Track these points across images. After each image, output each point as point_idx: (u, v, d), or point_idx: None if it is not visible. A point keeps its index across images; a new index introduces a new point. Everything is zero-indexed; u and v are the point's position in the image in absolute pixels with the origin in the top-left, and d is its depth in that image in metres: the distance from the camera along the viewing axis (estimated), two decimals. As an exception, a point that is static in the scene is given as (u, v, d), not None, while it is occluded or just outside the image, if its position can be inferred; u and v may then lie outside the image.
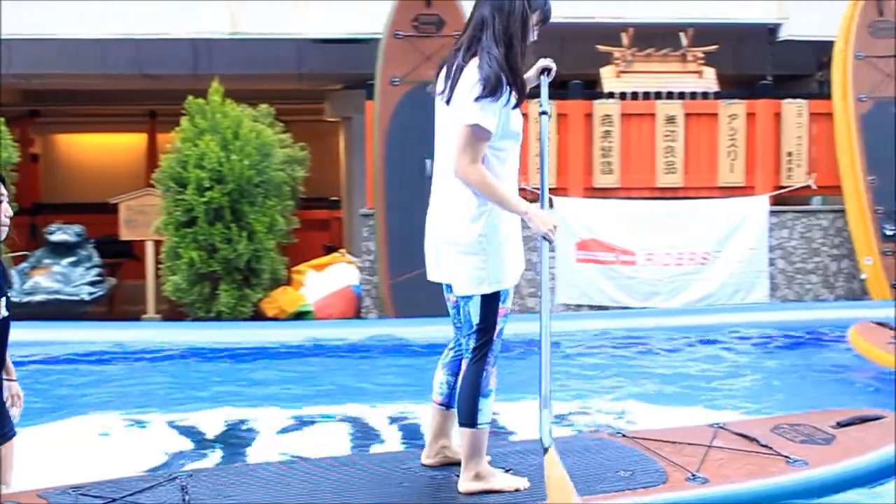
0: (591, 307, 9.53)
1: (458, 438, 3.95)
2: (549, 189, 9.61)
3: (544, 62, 4.21)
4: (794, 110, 10.08)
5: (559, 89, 10.33)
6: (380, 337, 8.32)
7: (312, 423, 5.74)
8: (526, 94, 3.88)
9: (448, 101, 3.79)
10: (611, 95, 9.84)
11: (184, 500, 3.79)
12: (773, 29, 11.02)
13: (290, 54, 11.60)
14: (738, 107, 10.02)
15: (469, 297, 3.82)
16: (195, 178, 8.75)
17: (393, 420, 5.79)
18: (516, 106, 3.83)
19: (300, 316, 9.24)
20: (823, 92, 10.84)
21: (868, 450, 4.44)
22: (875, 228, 9.70)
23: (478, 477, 3.87)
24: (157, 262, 9.40)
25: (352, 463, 4.34)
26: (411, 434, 5.49)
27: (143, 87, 12.15)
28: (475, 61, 3.71)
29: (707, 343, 8.09)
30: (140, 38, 10.41)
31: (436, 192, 3.96)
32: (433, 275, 4.02)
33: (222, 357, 7.75)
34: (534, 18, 3.81)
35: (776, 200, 10.04)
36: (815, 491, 4.16)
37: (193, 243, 8.82)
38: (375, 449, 5.24)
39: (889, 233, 9.53)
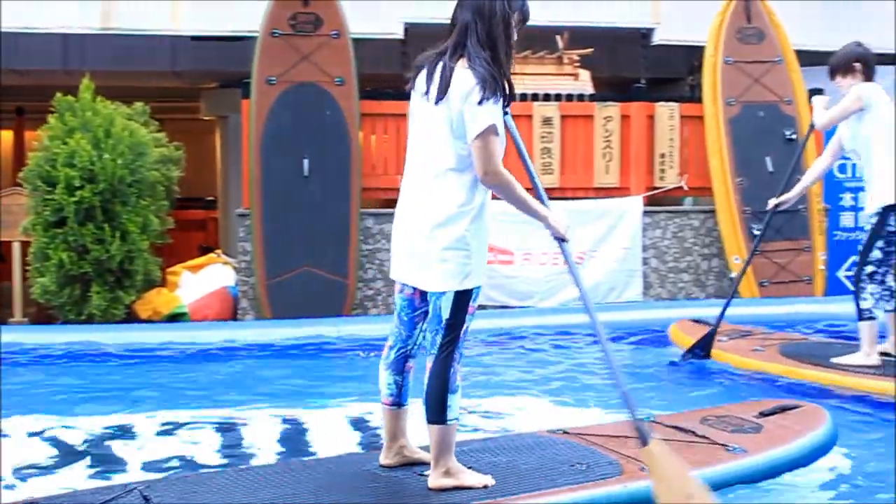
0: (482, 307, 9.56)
1: (426, 436, 3.95)
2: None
3: None
4: (667, 113, 10.30)
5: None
6: (257, 338, 8.21)
7: (181, 427, 5.62)
8: (514, 96, 3.92)
9: (437, 101, 3.81)
10: (488, 97, 9.89)
11: None
12: (646, 33, 11.25)
13: (165, 51, 11.38)
14: (613, 109, 10.20)
15: (443, 293, 3.84)
16: (65, 177, 8.52)
17: (274, 426, 5.70)
18: (506, 106, 3.88)
19: (175, 318, 9.07)
20: (695, 95, 11.12)
21: (797, 436, 4.68)
22: (744, 228, 9.98)
23: (448, 473, 3.91)
24: (25, 263, 9.11)
25: (312, 467, 4.30)
26: (294, 441, 5.41)
27: (10, 82, 11.76)
28: (463, 66, 3.77)
29: (579, 340, 8.19)
30: (7, 32, 10.06)
31: (412, 189, 3.96)
32: (400, 274, 4.02)
33: (95, 361, 7.57)
34: (514, 18, 3.90)
35: (649, 201, 10.26)
36: (758, 475, 4.37)
37: (63, 244, 8.59)
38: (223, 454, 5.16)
39: (757, 232, 9.81)
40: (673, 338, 7.69)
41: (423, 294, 3.97)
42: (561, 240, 4.01)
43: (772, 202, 6.99)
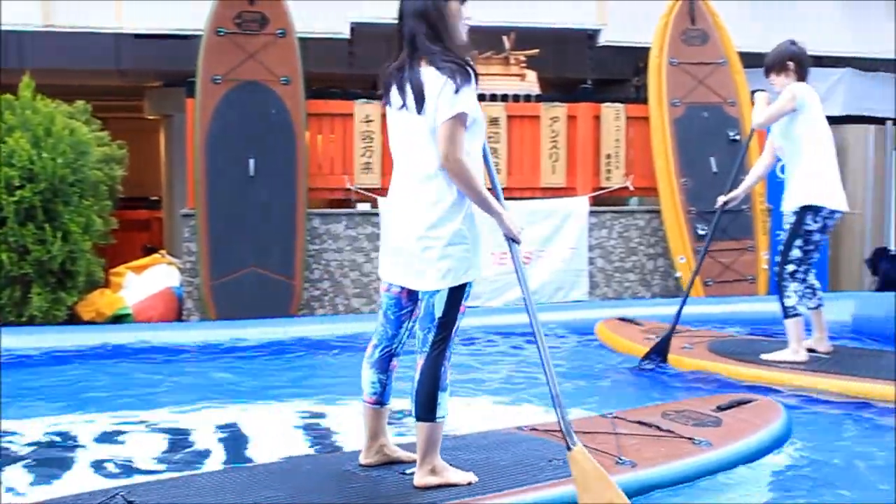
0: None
1: (408, 435, 4.03)
2: (373, 190, 9.67)
3: None
4: (613, 114, 10.37)
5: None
6: (202, 339, 8.14)
7: (125, 431, 5.55)
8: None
9: (420, 111, 3.89)
10: (435, 96, 9.89)
11: None
12: (592, 34, 11.31)
13: (108, 49, 11.24)
14: (560, 110, 10.24)
15: (436, 291, 3.88)
16: (4, 177, 8.38)
17: (219, 428, 5.65)
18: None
19: (118, 319, 8.96)
20: (640, 96, 11.20)
21: (756, 428, 4.85)
22: (689, 228, 10.07)
23: (433, 471, 3.95)
24: (-36, 264, 8.95)
25: (293, 468, 4.28)
26: (234, 445, 5.37)
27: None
28: (427, 66, 3.87)
29: (530, 342, 8.20)
30: (-56, 29, 9.88)
31: (401, 195, 4.03)
32: (389, 274, 4.06)
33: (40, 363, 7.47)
34: (452, 5, 4.00)
35: (595, 201, 10.31)
36: (725, 466, 4.54)
37: (3, 245, 8.44)
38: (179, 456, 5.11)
39: (701, 232, 9.90)
40: (600, 336, 7.79)
41: (410, 293, 4.03)
42: (512, 240, 4.03)
43: (720, 200, 7.09)
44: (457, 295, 3.90)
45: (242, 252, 9.00)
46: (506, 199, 3.99)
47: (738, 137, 10.18)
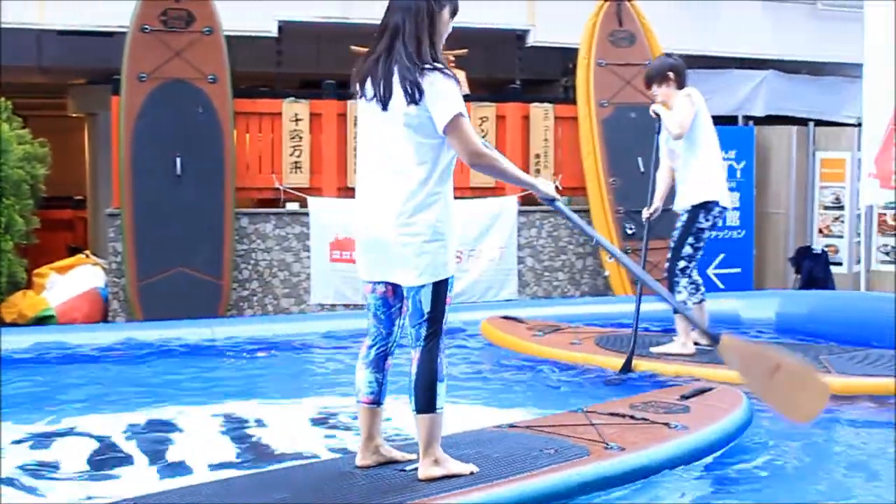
0: (347, 306, 9.54)
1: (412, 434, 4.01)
2: (303, 189, 9.62)
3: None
4: (542, 114, 10.43)
5: (313, 89, 10.30)
6: (128, 340, 8.02)
7: (51, 436, 5.45)
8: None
9: (385, 107, 3.95)
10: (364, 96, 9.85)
11: None
12: (521, 35, 11.36)
13: (30, 45, 11.03)
14: (489, 109, 10.28)
15: (421, 287, 3.94)
16: (-77, 176, 8.19)
17: (135, 433, 5.57)
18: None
19: (42, 321, 8.80)
20: (569, 97, 11.28)
21: (725, 413, 5.05)
22: (617, 228, 10.16)
23: (437, 462, 4.00)
24: None
25: (293, 475, 4.26)
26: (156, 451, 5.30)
27: None
28: (407, 66, 3.89)
29: (465, 341, 8.22)
30: None
31: (372, 191, 4.02)
32: (371, 274, 4.08)
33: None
34: (445, 14, 4.06)
35: (524, 200, 10.36)
36: (705, 449, 4.73)
37: (-79, 245, 8.26)
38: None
39: (630, 232, 10.00)
40: (485, 334, 7.86)
41: (396, 290, 4.07)
42: (552, 200, 4.20)
43: (645, 214, 7.21)
44: (440, 288, 3.96)
45: (169, 252, 8.89)
46: None
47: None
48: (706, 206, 6.85)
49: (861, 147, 10.13)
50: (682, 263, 6.95)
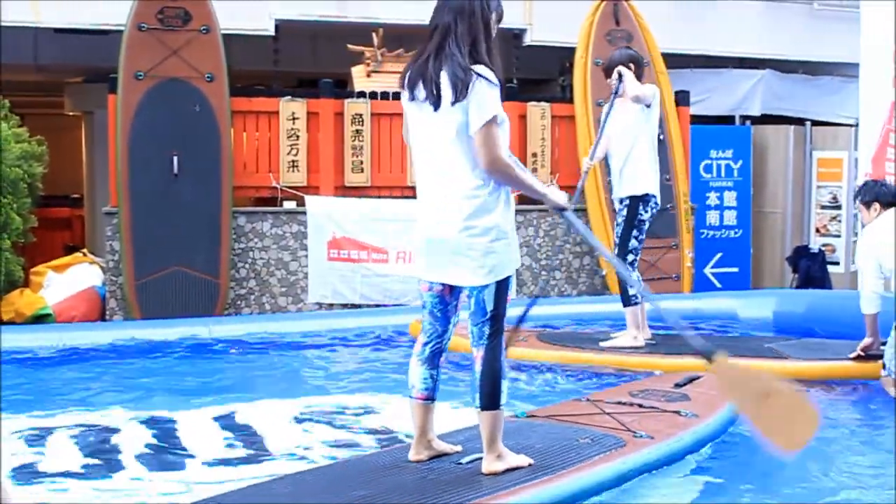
0: (344, 306, 9.54)
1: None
2: (300, 188, 9.61)
3: None
4: (539, 113, 10.42)
5: (310, 88, 10.30)
6: (126, 339, 8.02)
7: (50, 432, 5.45)
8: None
9: (437, 108, 4.01)
10: (361, 95, 9.88)
11: None
12: (518, 34, 11.37)
13: (27, 44, 11.03)
14: (486, 108, 10.25)
15: (485, 287, 4.01)
16: (-80, 174, 8.19)
17: (132, 431, 5.57)
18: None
19: (39, 319, 8.79)
20: (566, 96, 11.27)
21: (723, 399, 5.06)
22: (614, 226, 10.14)
23: (500, 457, 4.10)
24: None
25: (351, 468, 4.28)
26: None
27: None
28: (455, 66, 3.96)
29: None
30: None
31: (433, 192, 4.10)
32: (431, 274, 4.15)
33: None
34: (493, 18, 4.11)
35: (522, 199, 10.35)
36: (716, 434, 4.90)
37: (-82, 244, 8.26)
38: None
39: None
40: (413, 333, 7.76)
41: (452, 289, 4.16)
42: (562, 209, 4.26)
43: (585, 165, 7.29)
44: (503, 287, 4.05)
45: (167, 251, 8.88)
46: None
47: (662, 137, 10.28)
48: (645, 198, 7.08)
49: (858, 147, 10.14)
50: (630, 257, 7.10)
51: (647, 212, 7.12)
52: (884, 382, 6.23)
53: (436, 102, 4.01)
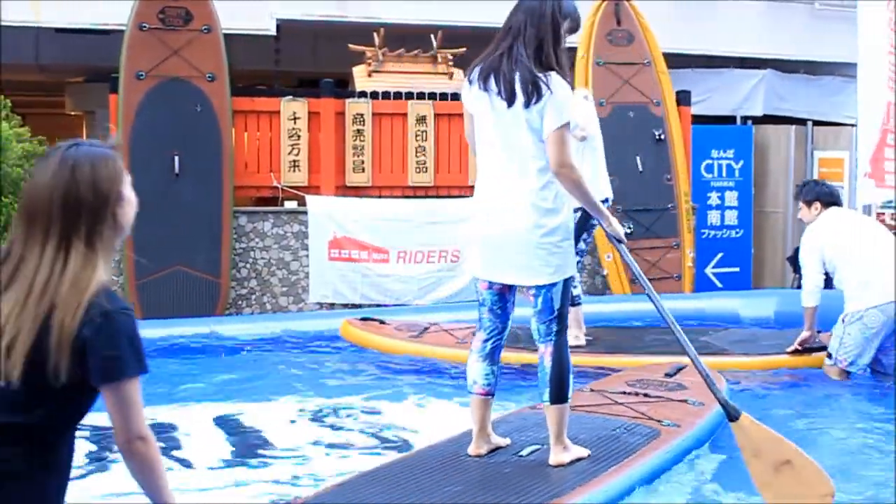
0: (345, 306, 9.54)
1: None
2: (301, 188, 9.61)
3: None
4: (540, 113, 10.40)
5: (311, 87, 10.30)
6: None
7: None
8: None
9: (510, 105, 4.04)
10: (363, 94, 9.87)
11: None
12: (519, 33, 11.34)
13: (28, 44, 11.03)
14: (487, 108, 10.24)
15: (554, 285, 4.11)
16: (-79, 174, 8.19)
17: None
18: None
19: (40, 319, 8.77)
20: (566, 95, 11.24)
21: (721, 385, 5.12)
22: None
23: (566, 449, 4.22)
24: None
25: (418, 464, 4.29)
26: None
27: None
28: (530, 67, 4.00)
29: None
30: None
31: (500, 191, 4.12)
32: (493, 273, 4.19)
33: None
34: (565, 25, 4.12)
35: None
36: (722, 421, 4.79)
37: (-81, 243, 8.24)
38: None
39: (628, 230, 10.00)
40: (347, 336, 7.75)
41: (511, 286, 4.22)
42: (619, 240, 4.40)
43: None
44: (568, 285, 4.19)
45: (168, 251, 8.88)
46: (437, 196, 4.09)
47: (663, 137, 10.29)
48: (604, 201, 7.06)
49: (857, 147, 10.13)
50: (576, 258, 7.13)
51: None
52: (828, 371, 6.68)
53: (510, 99, 4.04)
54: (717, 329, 7.78)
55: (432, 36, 10.40)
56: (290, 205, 9.62)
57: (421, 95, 10.06)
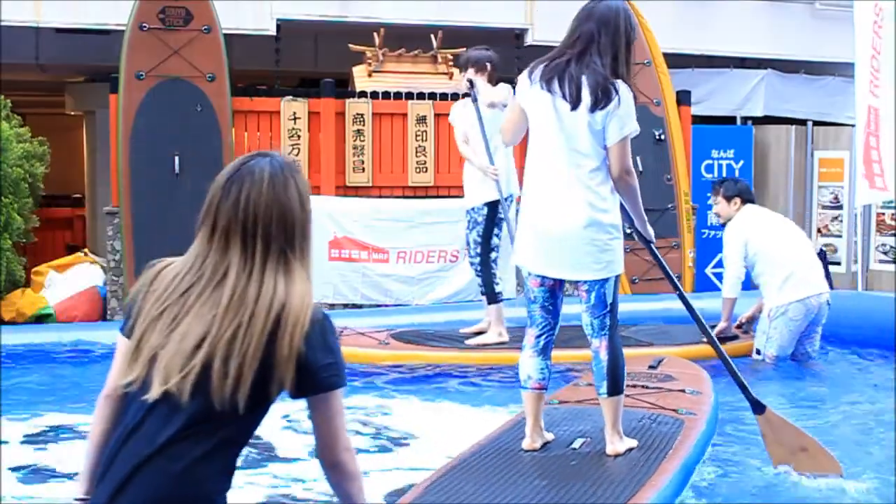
0: (345, 306, 9.54)
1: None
2: (302, 187, 9.60)
3: None
4: (540, 113, 10.41)
5: (311, 87, 10.30)
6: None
7: (52, 432, 5.46)
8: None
9: (574, 107, 4.16)
10: (363, 95, 9.88)
11: None
12: (519, 34, 11.36)
13: (28, 43, 11.02)
14: (487, 108, 10.25)
15: (607, 280, 4.26)
16: (-79, 174, 8.19)
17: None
18: None
19: (40, 319, 8.79)
20: (567, 95, 11.24)
21: (701, 376, 5.54)
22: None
23: (621, 439, 4.35)
24: None
25: (482, 462, 4.28)
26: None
27: None
28: (599, 73, 4.14)
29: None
30: None
31: (557, 189, 4.24)
32: (547, 269, 4.30)
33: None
34: (633, 39, 4.28)
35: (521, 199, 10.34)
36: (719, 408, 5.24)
37: (-81, 243, 8.26)
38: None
39: (628, 230, 9.99)
40: None
41: (561, 282, 4.37)
42: (650, 241, 4.65)
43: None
44: (618, 280, 4.34)
45: (168, 250, 8.70)
46: (434, 196, 4.10)
47: (663, 137, 10.29)
48: (509, 197, 7.11)
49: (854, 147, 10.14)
50: (493, 255, 7.21)
51: (507, 210, 7.17)
52: (755, 366, 7.03)
53: (574, 102, 4.15)
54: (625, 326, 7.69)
55: (432, 36, 10.40)
56: (291, 204, 9.59)
57: (421, 95, 10.06)
